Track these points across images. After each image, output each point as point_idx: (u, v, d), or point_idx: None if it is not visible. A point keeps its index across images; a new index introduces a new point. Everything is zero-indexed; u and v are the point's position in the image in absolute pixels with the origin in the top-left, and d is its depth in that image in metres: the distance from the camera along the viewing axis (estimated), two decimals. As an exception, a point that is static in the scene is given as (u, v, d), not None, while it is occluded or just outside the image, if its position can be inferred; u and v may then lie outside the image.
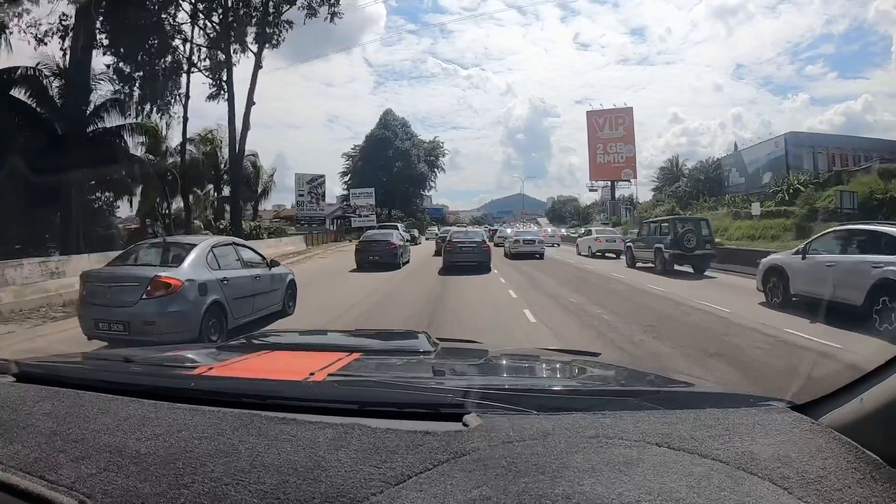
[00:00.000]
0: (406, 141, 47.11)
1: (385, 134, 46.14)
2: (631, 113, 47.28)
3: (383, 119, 47.73)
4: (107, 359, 1.24)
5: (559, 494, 0.51)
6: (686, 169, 44.86)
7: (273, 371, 1.01)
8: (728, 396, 0.91)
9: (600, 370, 1.31)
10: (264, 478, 0.56)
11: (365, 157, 46.64)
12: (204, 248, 4.93)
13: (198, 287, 4.49)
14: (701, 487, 0.53)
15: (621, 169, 45.65)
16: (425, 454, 0.60)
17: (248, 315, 5.30)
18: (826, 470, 0.57)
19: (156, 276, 4.28)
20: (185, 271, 4.51)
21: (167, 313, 4.20)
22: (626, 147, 45.54)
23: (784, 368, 3.84)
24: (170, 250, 4.89)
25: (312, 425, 0.68)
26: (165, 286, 4.26)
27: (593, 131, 46.46)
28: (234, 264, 5.33)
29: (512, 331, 5.53)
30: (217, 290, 4.72)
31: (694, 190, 39.30)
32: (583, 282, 10.31)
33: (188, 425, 0.68)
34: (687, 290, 8.53)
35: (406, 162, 46.14)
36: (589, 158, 46.86)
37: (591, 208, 63.10)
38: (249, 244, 6.33)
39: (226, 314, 4.82)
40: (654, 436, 0.65)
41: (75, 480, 0.57)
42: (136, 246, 5.54)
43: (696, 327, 5.62)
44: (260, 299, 5.61)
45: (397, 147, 45.63)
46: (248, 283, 5.39)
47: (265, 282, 5.78)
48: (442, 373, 0.99)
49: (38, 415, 0.72)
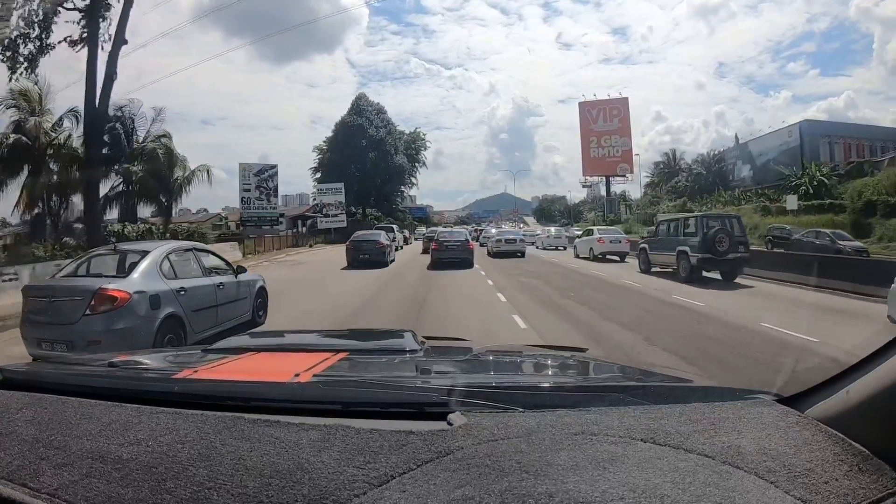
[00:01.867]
0: (381, 129, 41.42)
1: (357, 121, 40.36)
2: (626, 104, 46.46)
3: (356, 105, 41.86)
4: (90, 363, 1.26)
5: (542, 493, 0.52)
6: (684, 163, 44.83)
7: (258, 373, 1.04)
8: (714, 390, 0.93)
9: (586, 366, 1.33)
10: (246, 481, 0.58)
11: (335, 148, 41.06)
12: (157, 256, 4.65)
13: (149, 299, 4.22)
14: (686, 483, 0.54)
15: (617, 163, 44.81)
16: (409, 454, 0.61)
17: (211, 328, 5.03)
18: (812, 462, 0.58)
19: (100, 289, 4.00)
20: (134, 282, 4.24)
21: (114, 330, 3.93)
22: (621, 140, 44.69)
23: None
24: (119, 259, 4.61)
25: (296, 427, 0.69)
26: (111, 300, 3.98)
27: (586, 124, 45.52)
28: (193, 272, 5.06)
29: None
30: (172, 301, 4.46)
31: (695, 185, 38.77)
32: (600, 293, 8.70)
33: (171, 429, 0.70)
34: (736, 306, 6.94)
35: (381, 152, 40.59)
36: (582, 153, 45.97)
37: (581, 206, 63.24)
38: (212, 249, 6.04)
39: (184, 328, 4.55)
40: (640, 431, 0.66)
41: (57, 488, 0.58)
42: (87, 254, 5.23)
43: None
44: (225, 309, 5.34)
45: (371, 136, 40.16)
46: (210, 293, 5.12)
47: (230, 290, 5.52)
48: (427, 371, 1.03)
49: (21, 422, 0.74)
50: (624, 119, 45.32)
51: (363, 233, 16.51)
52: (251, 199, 30.92)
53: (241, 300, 5.73)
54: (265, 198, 31.23)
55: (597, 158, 45.02)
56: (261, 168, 31.87)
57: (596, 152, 44.94)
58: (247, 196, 30.99)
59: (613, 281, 10.52)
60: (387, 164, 41.29)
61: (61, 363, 1.39)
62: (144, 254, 4.63)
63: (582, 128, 45.80)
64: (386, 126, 42.51)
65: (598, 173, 46.16)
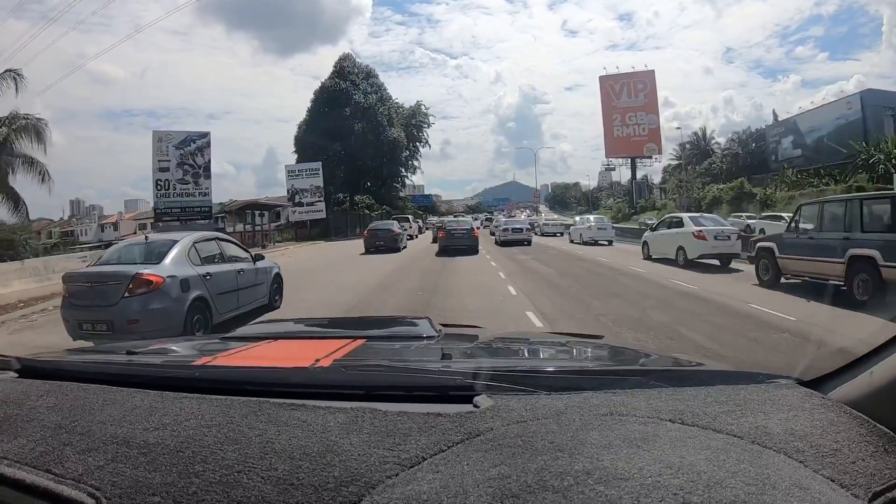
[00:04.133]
0: (371, 94, 34.24)
1: (340, 85, 33.41)
2: (653, 77, 42.99)
3: (339, 66, 34.73)
4: (110, 352, 1.32)
5: (579, 470, 0.53)
6: (715, 143, 42.45)
7: (278, 359, 1.07)
8: (736, 374, 0.95)
9: (605, 351, 1.38)
10: (276, 464, 0.59)
11: (313, 123, 33.68)
12: (186, 244, 5.29)
13: (180, 283, 4.86)
14: (720, 461, 0.55)
15: (643, 143, 41.95)
16: (439, 436, 0.63)
17: (232, 310, 5.68)
18: (839, 444, 0.60)
19: (137, 274, 4.65)
20: (166, 268, 4.88)
21: (150, 311, 4.58)
22: (647, 117, 41.87)
23: None
24: (149, 247, 5.26)
25: (322, 410, 0.71)
26: (147, 283, 4.63)
27: (608, 100, 42.66)
28: (217, 259, 5.70)
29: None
30: (200, 285, 5.09)
31: (732, 166, 36.06)
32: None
33: (196, 414, 0.71)
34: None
35: (371, 124, 33.18)
36: (604, 132, 43.05)
37: (598, 192, 60.93)
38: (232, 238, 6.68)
39: (210, 309, 5.20)
40: (667, 412, 0.68)
41: (83, 473, 0.59)
42: (118, 244, 5.93)
43: None
44: (245, 293, 5.99)
45: (357, 103, 33.12)
46: (232, 278, 5.76)
47: (250, 276, 6.16)
48: (448, 356, 1.04)
49: (42, 409, 0.76)
50: (650, 94, 42.47)
51: (379, 223, 20.26)
52: (170, 183, 21.79)
53: (259, 285, 6.39)
54: (191, 180, 22.29)
55: (621, 138, 42.43)
56: (185, 138, 22.68)
57: (620, 131, 42.32)
58: (164, 178, 21.97)
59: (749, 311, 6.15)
60: (378, 138, 34.07)
61: (79, 352, 1.43)
62: (174, 242, 5.28)
63: (603, 104, 42.99)
64: (377, 92, 35.19)
65: (622, 154, 43.74)
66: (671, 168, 47.84)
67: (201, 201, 22.94)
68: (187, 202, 22.53)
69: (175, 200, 22.44)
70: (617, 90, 42.88)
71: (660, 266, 10.99)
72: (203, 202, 23.09)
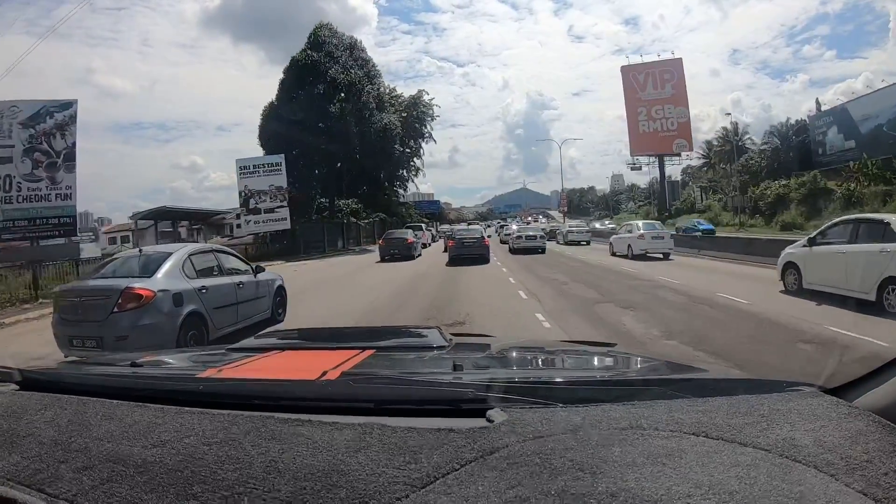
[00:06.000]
0: (355, 70, 26.58)
1: (313, 58, 25.70)
2: (680, 66, 41.42)
3: (314, 37, 26.62)
4: (112, 363, 1.31)
5: (603, 493, 0.52)
6: (748, 140, 39.72)
7: (284, 371, 1.07)
8: (758, 383, 0.93)
9: (620, 360, 1.36)
10: (279, 484, 0.58)
11: (282, 107, 25.98)
12: (180, 257, 5.21)
13: (173, 297, 4.75)
14: (751, 478, 0.54)
15: (672, 139, 40.31)
16: (451, 453, 0.62)
17: (231, 324, 5.56)
18: (869, 454, 0.59)
19: (126, 288, 4.57)
20: (158, 281, 4.78)
21: (140, 326, 4.48)
22: (676, 110, 40.38)
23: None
24: (144, 260, 5.19)
25: (329, 426, 0.70)
26: (137, 298, 4.53)
27: (632, 92, 41.14)
28: (214, 272, 5.61)
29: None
30: (195, 299, 4.98)
31: (774, 162, 34.22)
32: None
33: (197, 430, 0.71)
34: None
35: (354, 104, 25.59)
36: (628, 127, 41.79)
37: (620, 195, 59.71)
38: (231, 251, 6.60)
39: (206, 325, 5.08)
40: (690, 425, 0.66)
41: (77, 493, 0.59)
42: (112, 257, 5.91)
43: None
44: (245, 307, 5.87)
45: (333, 78, 25.40)
46: (231, 291, 5.65)
47: (250, 289, 6.05)
48: (460, 367, 1.03)
49: (40, 423, 0.76)
50: (678, 85, 40.88)
51: (394, 231, 21.37)
52: (11, 181, 13.74)
53: (260, 298, 6.28)
54: (45, 174, 14.13)
55: (647, 134, 40.89)
56: (38, 111, 14.29)
57: (646, 126, 40.82)
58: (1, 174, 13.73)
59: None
60: (363, 123, 26.00)
61: (83, 363, 1.45)
62: (168, 255, 5.20)
63: (627, 97, 41.62)
64: (362, 67, 27.48)
65: (649, 151, 42.05)
66: (692, 169, 45.72)
67: (60, 208, 14.27)
68: (38, 210, 14.05)
69: (20, 209, 13.88)
70: (641, 81, 41.21)
71: (835, 311, 5.97)
72: (63, 210, 14.33)
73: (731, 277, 9.86)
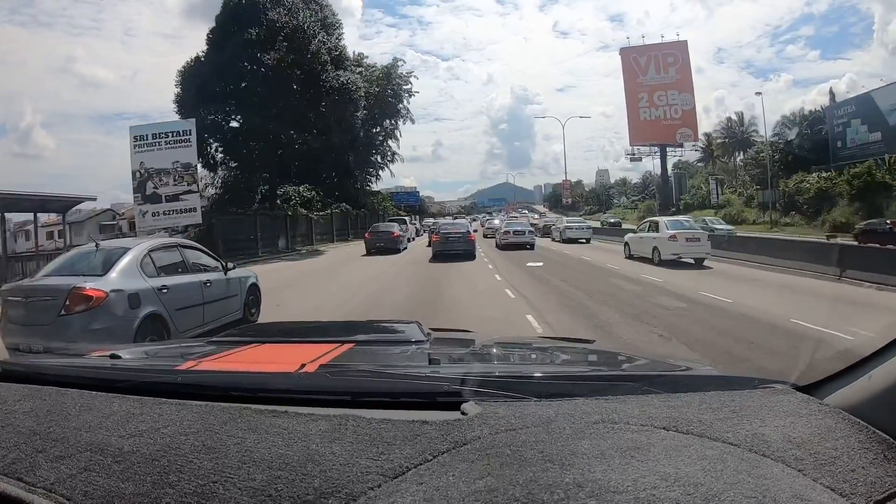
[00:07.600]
0: (303, 13, 20.28)
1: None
2: (685, 49, 39.90)
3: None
4: (92, 355, 1.34)
5: (570, 483, 0.54)
6: (754, 131, 37.78)
7: (263, 363, 1.12)
8: (731, 379, 0.97)
9: (597, 356, 1.44)
10: (254, 474, 0.60)
11: (207, 66, 20.05)
12: (138, 253, 4.89)
13: (128, 298, 4.45)
14: (717, 471, 0.56)
15: (676, 128, 38.96)
16: (424, 445, 0.64)
17: (197, 326, 5.27)
18: (838, 451, 0.61)
19: (74, 288, 4.25)
20: (111, 280, 4.47)
21: (91, 332, 4.17)
22: (681, 97, 39.17)
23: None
24: (99, 256, 4.87)
25: (304, 417, 0.73)
26: (87, 299, 4.23)
27: (632, 76, 39.62)
28: (179, 269, 5.31)
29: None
30: (153, 300, 4.68)
31: (788, 155, 32.39)
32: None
33: (174, 421, 0.73)
34: None
35: (298, 55, 19.38)
36: (628, 115, 40.34)
37: (612, 188, 58.59)
38: (198, 246, 6.28)
39: (167, 327, 4.79)
40: (661, 420, 0.69)
41: (54, 482, 0.61)
42: (67, 252, 5.58)
43: None
44: (213, 307, 5.58)
45: (272, 23, 19.33)
46: (196, 291, 5.35)
47: (219, 287, 5.75)
48: (437, 361, 1.08)
49: (18, 414, 0.78)
50: (683, 69, 39.53)
51: (380, 224, 21.09)
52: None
53: (230, 297, 5.97)
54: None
55: (648, 122, 39.52)
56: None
57: (647, 113, 39.49)
58: None
59: None
60: (314, 80, 19.67)
61: (64, 355, 1.52)
62: (125, 251, 4.88)
63: (626, 82, 40.14)
64: (315, 14, 21.09)
65: (650, 141, 40.39)
66: (682, 164, 43.92)
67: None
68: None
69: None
70: (643, 64, 39.81)
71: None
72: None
73: (812, 298, 7.52)
